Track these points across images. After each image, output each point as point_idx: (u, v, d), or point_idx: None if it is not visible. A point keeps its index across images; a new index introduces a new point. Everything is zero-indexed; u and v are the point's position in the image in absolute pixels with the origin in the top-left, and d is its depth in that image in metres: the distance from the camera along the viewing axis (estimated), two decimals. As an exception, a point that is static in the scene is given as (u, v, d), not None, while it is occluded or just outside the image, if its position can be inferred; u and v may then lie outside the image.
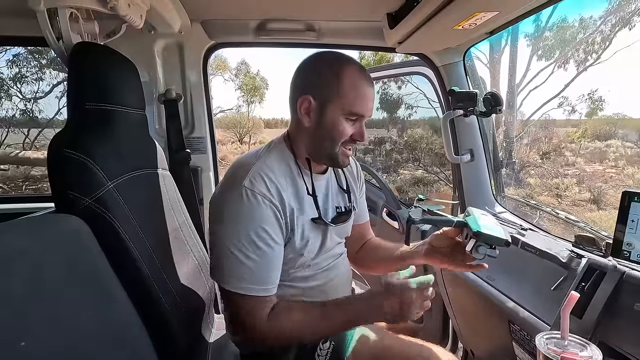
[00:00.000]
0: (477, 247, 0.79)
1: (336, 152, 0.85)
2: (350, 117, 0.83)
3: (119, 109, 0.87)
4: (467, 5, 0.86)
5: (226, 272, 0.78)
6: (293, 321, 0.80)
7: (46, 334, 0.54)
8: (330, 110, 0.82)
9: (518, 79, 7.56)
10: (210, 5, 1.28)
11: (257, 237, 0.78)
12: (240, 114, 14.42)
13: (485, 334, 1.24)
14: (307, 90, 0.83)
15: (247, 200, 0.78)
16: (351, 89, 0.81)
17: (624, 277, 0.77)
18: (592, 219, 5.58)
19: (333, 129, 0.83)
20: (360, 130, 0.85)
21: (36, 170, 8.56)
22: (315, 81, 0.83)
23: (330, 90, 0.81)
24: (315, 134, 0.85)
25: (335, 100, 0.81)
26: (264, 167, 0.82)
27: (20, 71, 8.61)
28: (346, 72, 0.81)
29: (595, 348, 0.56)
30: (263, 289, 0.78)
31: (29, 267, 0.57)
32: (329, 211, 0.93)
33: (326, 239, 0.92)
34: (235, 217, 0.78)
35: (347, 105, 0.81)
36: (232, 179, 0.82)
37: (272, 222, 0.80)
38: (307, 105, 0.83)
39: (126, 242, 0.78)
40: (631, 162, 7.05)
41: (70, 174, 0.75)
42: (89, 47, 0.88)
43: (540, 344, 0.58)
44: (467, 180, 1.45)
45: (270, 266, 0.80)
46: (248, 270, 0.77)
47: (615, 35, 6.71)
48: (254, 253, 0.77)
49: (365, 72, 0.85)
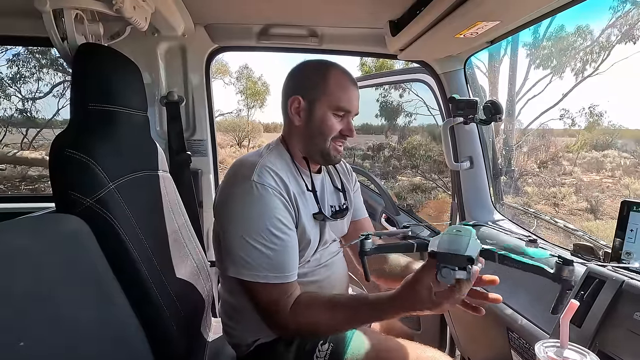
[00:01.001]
0: (441, 269, 0.63)
1: (327, 148, 0.90)
2: (337, 113, 0.89)
3: (122, 110, 0.87)
4: (469, 14, 0.87)
5: (249, 265, 0.80)
6: (318, 319, 0.81)
7: (45, 334, 0.54)
8: (319, 107, 0.89)
9: (517, 88, 7.64)
10: (214, 9, 1.29)
11: (273, 226, 0.81)
12: (240, 118, 14.46)
13: (483, 341, 1.23)
14: (296, 91, 0.90)
15: (258, 193, 0.81)
16: (337, 87, 0.88)
17: (623, 285, 0.77)
18: (588, 228, 5.59)
19: (322, 124, 0.89)
20: (349, 126, 0.91)
21: (33, 170, 8.52)
22: (303, 83, 0.91)
23: (318, 89, 0.88)
24: (306, 132, 0.91)
25: (322, 97, 0.88)
26: (268, 163, 0.86)
27: (20, 71, 8.61)
28: (331, 73, 0.89)
29: (594, 357, 0.56)
30: (284, 275, 0.81)
31: (29, 266, 0.57)
32: (325, 208, 0.97)
33: (324, 234, 0.96)
34: (249, 211, 0.81)
35: (334, 101, 0.88)
36: (238, 177, 0.85)
37: (284, 210, 0.83)
38: (297, 105, 0.90)
39: (126, 243, 0.78)
40: (628, 173, 7.09)
41: (72, 174, 0.75)
42: (93, 48, 0.88)
43: (539, 352, 0.58)
44: (466, 187, 1.45)
45: (289, 253, 0.83)
46: (269, 259, 0.80)
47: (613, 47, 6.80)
48: (271, 243, 0.80)
49: (350, 74, 0.92)
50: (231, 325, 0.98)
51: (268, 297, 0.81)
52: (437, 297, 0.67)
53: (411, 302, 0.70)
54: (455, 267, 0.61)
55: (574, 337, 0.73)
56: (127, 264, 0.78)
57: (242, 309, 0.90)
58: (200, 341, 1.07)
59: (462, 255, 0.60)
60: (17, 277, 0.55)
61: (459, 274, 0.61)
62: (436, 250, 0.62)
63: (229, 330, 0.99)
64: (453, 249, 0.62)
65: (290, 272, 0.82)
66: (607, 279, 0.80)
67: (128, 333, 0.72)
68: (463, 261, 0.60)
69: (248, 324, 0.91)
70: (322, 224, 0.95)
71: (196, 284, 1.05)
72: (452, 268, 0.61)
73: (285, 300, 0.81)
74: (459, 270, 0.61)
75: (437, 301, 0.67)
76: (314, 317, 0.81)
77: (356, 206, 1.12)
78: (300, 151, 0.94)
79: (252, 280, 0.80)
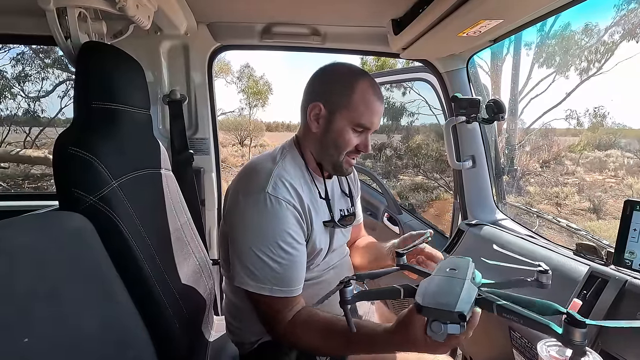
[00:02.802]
0: (430, 324, 0.54)
1: (340, 161, 0.88)
2: (356, 129, 0.86)
3: (125, 109, 0.87)
4: (472, 12, 0.86)
5: (255, 277, 0.80)
6: (311, 343, 0.80)
7: (48, 331, 0.54)
8: (339, 120, 0.85)
9: (520, 87, 7.61)
10: (217, 7, 1.30)
11: (283, 241, 0.80)
12: (242, 117, 14.46)
13: (485, 341, 1.23)
14: (318, 98, 0.87)
15: (271, 206, 0.80)
16: (361, 102, 0.84)
17: (626, 285, 0.77)
18: (591, 227, 5.57)
19: (339, 137, 0.86)
20: (365, 142, 0.88)
21: (36, 168, 8.56)
22: (327, 90, 0.87)
23: (341, 100, 0.84)
24: (322, 141, 0.88)
25: (344, 110, 0.84)
26: (284, 173, 0.85)
27: (24, 69, 8.64)
28: (359, 85, 0.84)
29: (597, 356, 0.55)
30: (290, 289, 0.81)
31: (33, 264, 0.58)
32: (335, 214, 0.96)
33: (334, 240, 0.96)
34: (261, 223, 0.80)
35: (355, 116, 0.84)
36: (253, 185, 0.83)
37: (295, 225, 0.83)
38: (317, 112, 0.87)
39: (129, 241, 0.78)
40: (631, 172, 7.06)
41: (75, 172, 0.75)
42: (96, 46, 0.88)
43: (541, 351, 0.58)
44: (469, 186, 1.45)
45: (297, 268, 0.83)
46: (276, 273, 0.80)
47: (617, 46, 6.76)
48: (280, 257, 0.80)
49: (377, 87, 0.87)
50: (235, 324, 0.98)
51: (270, 308, 0.82)
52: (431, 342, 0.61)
53: (406, 342, 0.66)
54: (447, 322, 0.53)
55: (576, 336, 0.72)
56: (130, 262, 0.78)
57: (246, 309, 0.91)
58: (202, 339, 1.08)
59: (452, 312, 0.52)
60: (20, 275, 0.55)
61: (451, 329, 0.53)
62: (422, 304, 0.54)
63: (233, 329, 0.99)
64: (442, 303, 0.53)
65: (296, 287, 0.82)
66: (610, 279, 0.80)
67: (131, 331, 0.72)
68: (454, 318, 0.52)
69: (251, 324, 0.92)
70: (332, 230, 0.95)
71: (198, 283, 1.05)
72: (444, 322, 0.53)
73: (286, 313, 0.81)
74: (451, 325, 0.53)
75: (432, 344, 0.62)
76: (307, 340, 0.80)
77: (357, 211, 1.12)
78: (314, 156, 0.92)
79: (258, 293, 0.80)
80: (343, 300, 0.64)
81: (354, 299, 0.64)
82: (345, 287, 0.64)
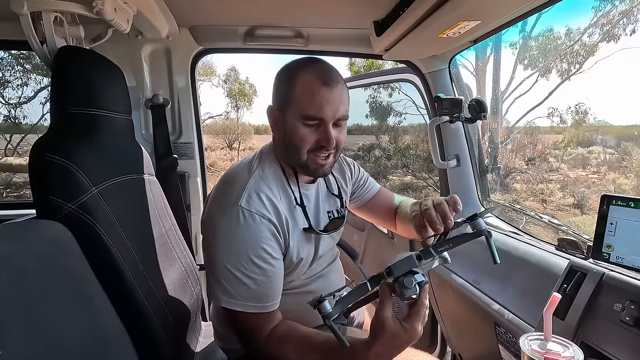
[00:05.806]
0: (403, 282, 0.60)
1: (304, 161, 0.81)
2: (307, 122, 0.78)
3: (104, 114, 0.86)
4: (451, 14, 0.88)
5: (227, 292, 0.77)
6: (287, 355, 0.76)
7: (27, 342, 0.53)
8: (289, 117, 0.79)
9: (503, 87, 7.75)
10: (199, 11, 1.29)
11: (257, 257, 0.77)
12: (230, 120, 14.36)
13: (472, 337, 1.25)
14: (272, 101, 0.84)
15: (244, 221, 0.76)
16: (304, 92, 0.76)
17: (604, 278, 0.79)
18: (575, 223, 5.70)
19: (293, 136, 0.79)
20: (326, 136, 0.78)
21: (18, 176, 8.34)
22: (275, 90, 0.82)
23: (286, 96, 0.79)
24: (284, 144, 0.82)
25: (291, 106, 0.78)
26: (260, 183, 0.81)
27: (4, 75, 8.42)
28: (300, 76, 0.77)
29: (577, 348, 0.57)
30: (264, 305, 0.78)
31: (10, 274, 0.56)
32: (320, 219, 0.93)
33: (319, 247, 0.92)
34: (233, 238, 0.77)
35: (301, 109, 0.77)
36: (227, 197, 0.80)
37: (270, 240, 0.79)
38: (274, 116, 0.83)
39: (111, 249, 0.77)
40: (612, 168, 7.25)
41: (52, 178, 0.73)
42: (73, 51, 0.87)
43: (524, 345, 0.59)
44: (454, 185, 1.47)
45: (272, 283, 0.79)
46: (249, 289, 0.76)
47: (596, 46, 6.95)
48: (254, 272, 0.77)
49: (326, 73, 0.77)
50: (222, 330, 0.97)
51: (245, 324, 0.79)
52: (408, 323, 0.63)
53: (387, 343, 0.64)
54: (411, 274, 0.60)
55: (558, 329, 0.74)
56: (111, 270, 0.77)
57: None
58: (189, 346, 1.06)
59: (411, 255, 0.62)
60: (-4, 286, 0.53)
61: (419, 277, 0.60)
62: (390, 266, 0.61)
63: (220, 336, 0.98)
64: (401, 258, 0.62)
65: (270, 302, 0.79)
66: (589, 272, 0.82)
67: (113, 341, 0.70)
68: (413, 262, 0.61)
69: None
70: (316, 237, 0.90)
71: (185, 289, 1.04)
72: (412, 273, 0.60)
73: (262, 328, 0.79)
74: (418, 275, 0.60)
75: (410, 327, 0.63)
76: (284, 355, 0.76)
77: (369, 184, 1.10)
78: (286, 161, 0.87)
79: (233, 309, 0.77)
80: (324, 316, 0.62)
81: (334, 310, 0.63)
82: (319, 304, 0.62)
